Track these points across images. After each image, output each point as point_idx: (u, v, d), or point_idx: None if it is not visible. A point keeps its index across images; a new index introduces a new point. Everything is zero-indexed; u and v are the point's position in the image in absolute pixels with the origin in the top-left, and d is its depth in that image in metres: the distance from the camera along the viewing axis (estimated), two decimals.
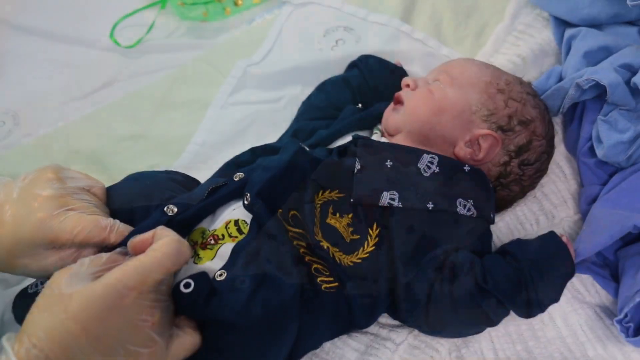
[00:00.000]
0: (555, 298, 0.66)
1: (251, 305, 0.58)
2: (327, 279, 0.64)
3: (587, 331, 0.70)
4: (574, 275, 0.67)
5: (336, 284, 0.64)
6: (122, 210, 0.65)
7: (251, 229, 0.64)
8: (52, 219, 0.57)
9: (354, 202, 0.67)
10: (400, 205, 0.66)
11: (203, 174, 0.76)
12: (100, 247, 0.60)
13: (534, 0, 0.97)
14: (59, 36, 1.06)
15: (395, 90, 0.78)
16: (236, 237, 0.64)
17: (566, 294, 0.71)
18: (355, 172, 0.68)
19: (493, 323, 0.66)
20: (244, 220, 0.65)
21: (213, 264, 0.62)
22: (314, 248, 0.64)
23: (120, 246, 0.59)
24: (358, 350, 0.69)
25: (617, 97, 0.74)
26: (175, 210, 0.64)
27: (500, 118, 0.73)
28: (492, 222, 0.72)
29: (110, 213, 0.65)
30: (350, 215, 0.67)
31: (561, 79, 0.84)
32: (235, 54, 0.98)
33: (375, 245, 0.66)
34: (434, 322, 0.65)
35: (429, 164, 0.69)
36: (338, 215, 0.66)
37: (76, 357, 0.48)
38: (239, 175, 0.68)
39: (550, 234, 0.69)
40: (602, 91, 0.76)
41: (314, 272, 0.64)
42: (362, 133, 0.78)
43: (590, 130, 0.79)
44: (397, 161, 0.69)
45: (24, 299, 0.62)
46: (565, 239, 0.68)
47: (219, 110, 0.92)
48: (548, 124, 0.77)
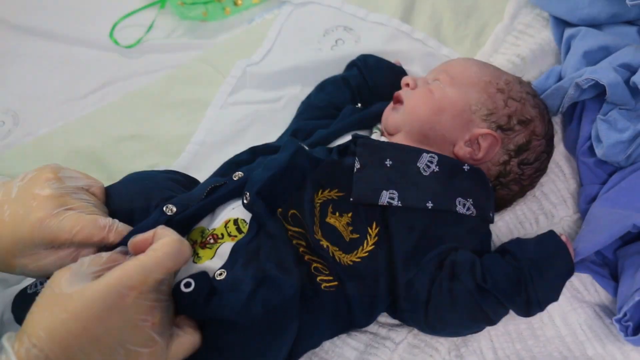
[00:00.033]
0: (555, 297, 0.66)
1: (251, 305, 0.58)
2: (327, 278, 0.64)
3: (587, 330, 0.70)
4: (573, 274, 0.67)
5: (336, 283, 0.65)
6: (121, 210, 0.65)
7: (250, 228, 0.64)
8: (51, 219, 0.57)
9: (353, 201, 0.67)
10: (399, 204, 0.66)
11: (202, 174, 0.76)
12: (99, 246, 0.60)
13: (533, 0, 0.97)
14: (59, 36, 1.06)
15: (394, 89, 0.79)
16: (235, 236, 0.64)
17: (565, 293, 0.71)
18: (355, 171, 0.68)
19: (492, 322, 0.66)
20: (244, 220, 0.65)
21: (212, 263, 0.62)
22: (313, 247, 0.64)
23: (120, 246, 0.59)
24: (357, 350, 0.69)
25: (617, 96, 0.75)
26: (174, 209, 0.64)
27: (499, 117, 0.73)
28: (492, 221, 0.72)
29: (109, 213, 0.65)
30: (350, 214, 0.67)
31: (560, 78, 0.84)
32: (234, 53, 0.98)
33: (374, 244, 0.66)
34: (433, 321, 0.65)
35: (428, 163, 0.69)
36: (338, 214, 0.66)
37: (76, 357, 0.48)
38: (239, 174, 0.68)
39: (549, 233, 0.69)
40: (601, 91, 0.76)
41: (313, 272, 0.64)
42: (362, 132, 0.78)
43: (590, 129, 0.79)
44: (397, 160, 0.69)
45: (23, 299, 0.62)
46: (564, 238, 0.68)
47: (218, 110, 0.92)
48: (547, 123, 0.77)
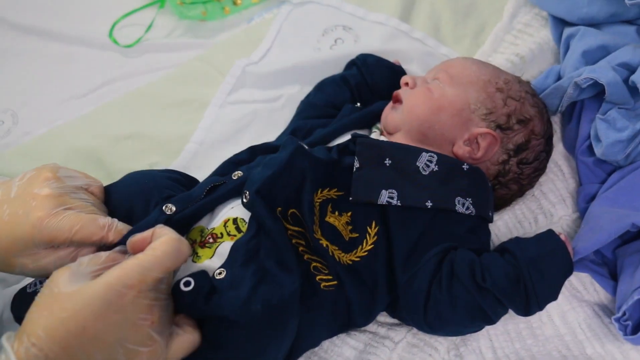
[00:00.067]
0: (554, 296, 0.66)
1: (251, 303, 0.58)
2: (326, 278, 0.64)
3: (586, 329, 0.70)
4: (572, 273, 0.67)
5: (335, 283, 0.64)
6: (121, 209, 0.65)
7: (250, 227, 0.64)
8: (50, 218, 0.57)
9: (352, 201, 0.67)
10: (399, 203, 0.66)
11: (202, 173, 0.76)
12: (98, 246, 0.60)
13: (532, 0, 0.97)
14: (59, 35, 1.06)
15: (394, 88, 0.79)
16: (235, 235, 0.64)
17: (564, 292, 0.71)
18: (354, 170, 0.68)
19: (492, 321, 0.66)
20: (243, 219, 0.65)
21: (212, 262, 0.62)
22: (313, 246, 0.64)
23: (119, 245, 0.59)
24: (357, 349, 0.69)
25: (616, 95, 0.75)
26: (173, 209, 0.64)
27: (499, 117, 0.73)
28: (491, 220, 0.72)
29: (108, 212, 0.65)
30: (349, 213, 0.67)
31: (559, 77, 0.84)
32: (234, 53, 0.98)
33: (374, 243, 0.66)
34: (432, 321, 0.65)
35: (427, 163, 0.69)
36: (337, 213, 0.66)
37: (76, 356, 0.48)
38: (238, 173, 0.68)
39: (548, 232, 0.69)
40: (600, 90, 0.76)
41: (312, 271, 0.64)
42: (361, 132, 0.78)
43: (589, 128, 0.79)
44: (396, 159, 0.69)
45: (22, 298, 0.62)
46: (563, 238, 0.68)
47: (217, 110, 0.92)
48: (547, 122, 0.77)
